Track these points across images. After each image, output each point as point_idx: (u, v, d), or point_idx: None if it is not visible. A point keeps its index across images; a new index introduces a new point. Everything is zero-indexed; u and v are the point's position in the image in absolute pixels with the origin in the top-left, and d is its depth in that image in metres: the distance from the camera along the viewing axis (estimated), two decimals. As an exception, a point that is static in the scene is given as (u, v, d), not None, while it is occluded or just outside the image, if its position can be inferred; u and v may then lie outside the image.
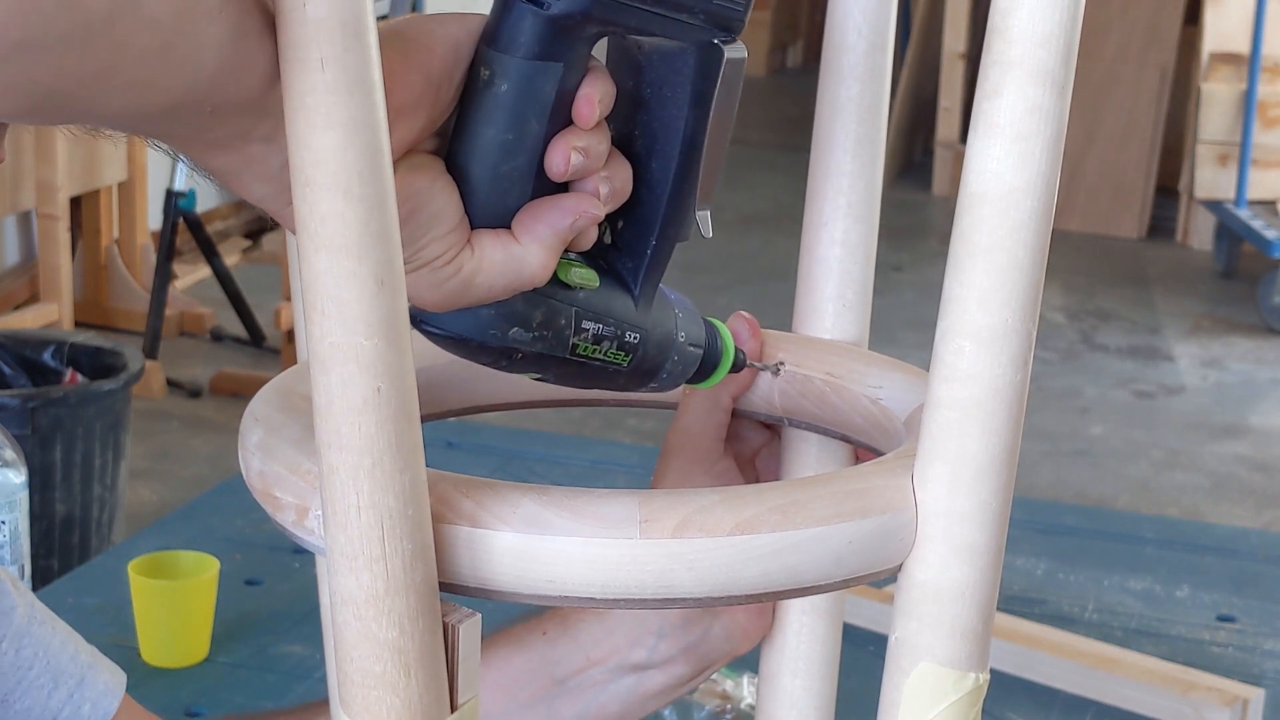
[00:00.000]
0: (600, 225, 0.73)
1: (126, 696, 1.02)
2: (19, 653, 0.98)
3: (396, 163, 0.66)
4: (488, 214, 0.69)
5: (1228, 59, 5.94)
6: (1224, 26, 5.95)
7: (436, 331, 0.71)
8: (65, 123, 0.59)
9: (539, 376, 0.74)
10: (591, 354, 0.74)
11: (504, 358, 0.72)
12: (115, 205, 4.60)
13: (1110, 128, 6.26)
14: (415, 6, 5.24)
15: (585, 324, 0.73)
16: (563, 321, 0.72)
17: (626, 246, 0.74)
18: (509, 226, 0.69)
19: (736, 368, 0.83)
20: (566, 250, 0.71)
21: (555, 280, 0.72)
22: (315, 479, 0.65)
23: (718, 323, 0.83)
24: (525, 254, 0.69)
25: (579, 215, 0.70)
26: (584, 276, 0.72)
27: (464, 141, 0.68)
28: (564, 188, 0.70)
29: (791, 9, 9.17)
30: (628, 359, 0.75)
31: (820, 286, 0.87)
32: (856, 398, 0.83)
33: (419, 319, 0.71)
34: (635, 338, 0.75)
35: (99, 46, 0.54)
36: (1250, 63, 5.84)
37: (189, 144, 0.63)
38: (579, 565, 0.64)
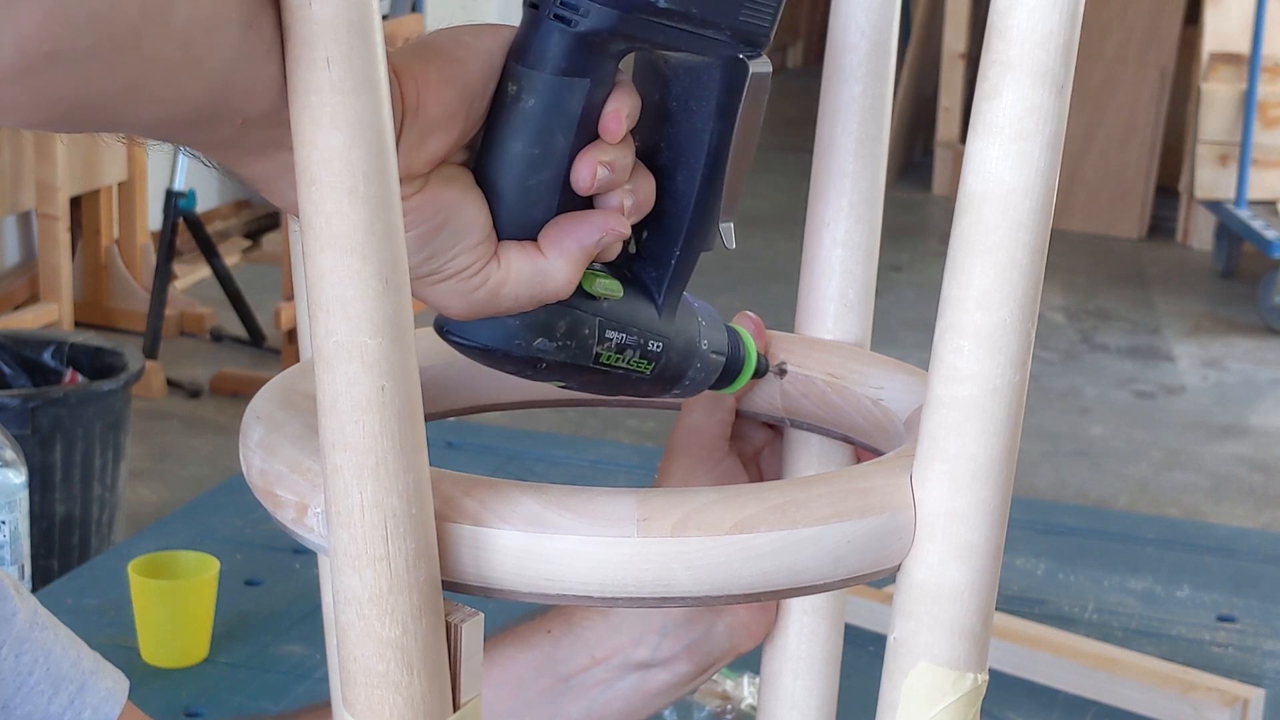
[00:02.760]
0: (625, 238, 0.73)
1: (128, 703, 1.02)
2: (19, 659, 0.98)
3: (429, 174, 0.66)
4: (514, 227, 0.69)
5: (1228, 59, 5.94)
6: (1224, 26, 5.95)
7: (462, 342, 0.72)
8: (95, 131, 0.59)
9: (563, 385, 0.75)
10: (615, 363, 0.74)
11: (529, 367, 0.72)
12: (115, 205, 4.60)
13: (1110, 128, 6.26)
14: (415, 6, 5.25)
15: (609, 333, 0.73)
16: (586, 331, 0.72)
17: (651, 257, 0.75)
18: (535, 239, 0.70)
19: (759, 374, 0.83)
20: (590, 262, 0.72)
21: (580, 290, 0.72)
22: (316, 477, 0.65)
23: (740, 329, 0.83)
24: (551, 267, 0.69)
25: (605, 233, 0.70)
26: (608, 287, 0.73)
27: (492, 155, 0.68)
28: (590, 201, 0.71)
29: (792, 9, 9.17)
30: (651, 367, 0.76)
31: (822, 287, 0.87)
32: (857, 398, 0.83)
33: (445, 329, 0.72)
34: (658, 346, 0.75)
35: (127, 60, 0.54)
36: (1250, 63, 5.84)
37: (222, 152, 0.63)
38: (578, 564, 0.64)
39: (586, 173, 0.69)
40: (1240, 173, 5.79)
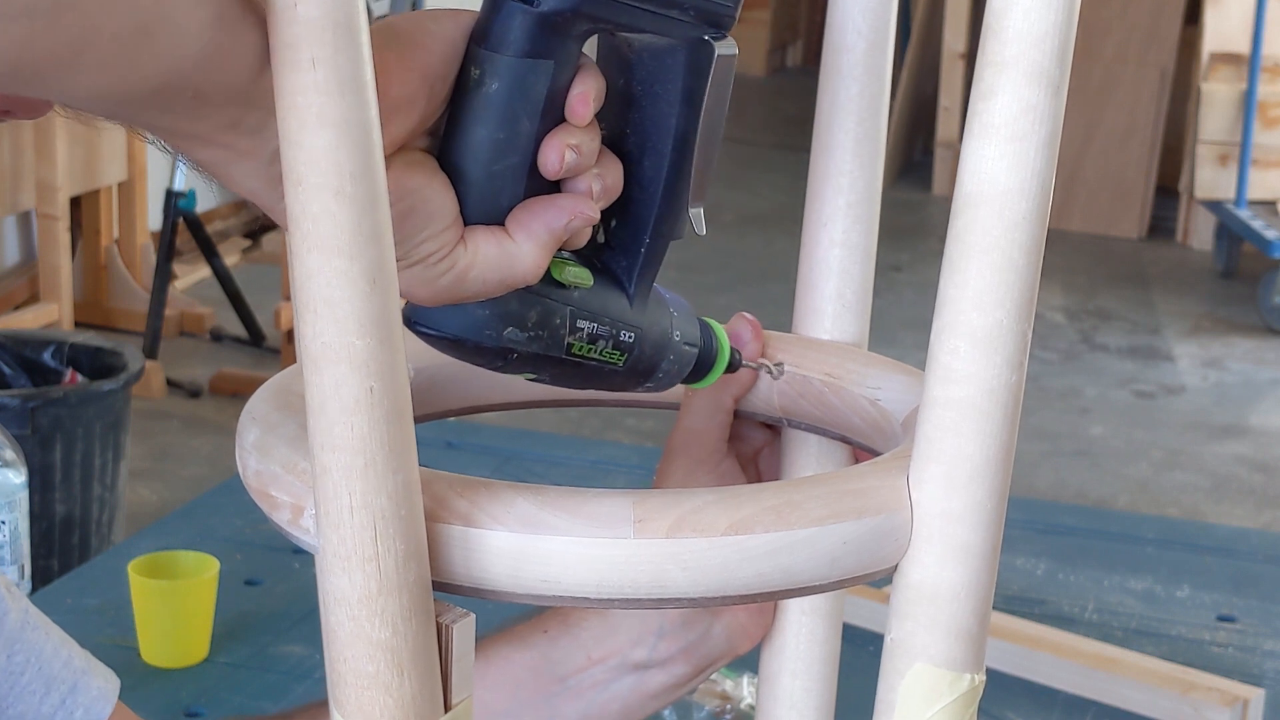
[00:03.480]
0: (594, 225, 0.73)
1: (119, 703, 1.02)
2: (10, 659, 0.98)
3: (391, 159, 0.66)
4: (482, 212, 0.69)
5: (1228, 59, 5.94)
6: (1224, 26, 5.95)
7: (432, 333, 0.71)
8: (46, 98, 0.58)
9: (534, 377, 0.74)
10: (587, 353, 0.73)
11: (500, 358, 0.72)
12: (115, 205, 4.60)
13: (1110, 128, 6.26)
14: (415, 5, 5.25)
15: (580, 323, 0.73)
16: (558, 321, 0.72)
17: (620, 245, 0.75)
18: (503, 223, 0.69)
19: (732, 367, 0.83)
20: (560, 249, 0.71)
21: (549, 279, 0.72)
22: (311, 478, 0.65)
23: (713, 323, 0.83)
24: (519, 250, 0.69)
25: (574, 216, 0.70)
26: (578, 275, 0.72)
27: (456, 140, 0.68)
28: (557, 186, 0.70)
29: (791, 9, 9.17)
30: (623, 358, 0.75)
31: (820, 287, 0.87)
32: (855, 399, 0.83)
33: (414, 321, 0.71)
34: (630, 337, 0.75)
35: (68, 21, 0.53)
36: (1250, 63, 5.84)
37: (176, 135, 0.62)
38: (573, 565, 0.64)
39: (554, 156, 0.69)
40: (1240, 173, 5.78)
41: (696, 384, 0.82)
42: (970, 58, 6.49)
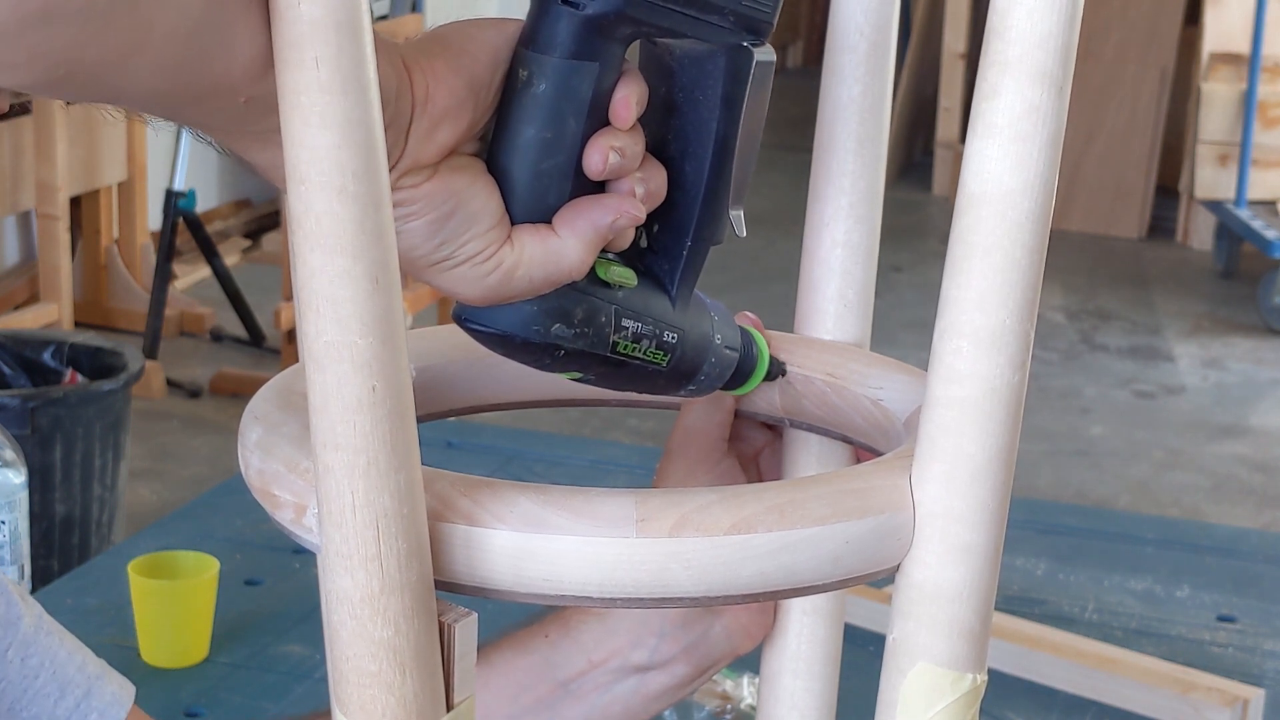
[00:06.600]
0: (636, 228, 0.74)
1: (134, 707, 1.02)
2: (25, 662, 0.98)
3: (438, 164, 0.67)
4: (529, 211, 0.70)
5: (1228, 59, 5.94)
6: (1224, 26, 5.95)
7: (480, 329, 0.72)
8: (96, 100, 0.59)
9: (580, 376, 0.75)
10: (631, 352, 0.74)
11: (546, 355, 0.73)
12: (115, 205, 4.60)
13: (1110, 128, 6.26)
14: (415, 6, 5.25)
15: (625, 321, 0.74)
16: (603, 319, 0.73)
17: (662, 249, 0.76)
18: (549, 223, 0.70)
19: (771, 376, 0.83)
20: (604, 250, 0.72)
21: (595, 278, 0.73)
22: (313, 477, 0.65)
23: (753, 331, 0.83)
24: (564, 247, 0.70)
25: (619, 215, 0.71)
26: (622, 275, 0.74)
27: (505, 141, 0.69)
28: (601, 188, 0.71)
29: (791, 9, 9.17)
30: (666, 359, 0.76)
31: (822, 287, 0.87)
32: (857, 399, 0.83)
33: (463, 317, 0.73)
34: (673, 337, 0.76)
35: (122, 23, 0.54)
36: (1250, 63, 5.84)
37: (229, 136, 0.64)
38: (576, 564, 0.64)
39: (598, 157, 0.70)
40: (1240, 173, 5.79)
41: (738, 390, 0.83)
42: (970, 58, 6.51)
